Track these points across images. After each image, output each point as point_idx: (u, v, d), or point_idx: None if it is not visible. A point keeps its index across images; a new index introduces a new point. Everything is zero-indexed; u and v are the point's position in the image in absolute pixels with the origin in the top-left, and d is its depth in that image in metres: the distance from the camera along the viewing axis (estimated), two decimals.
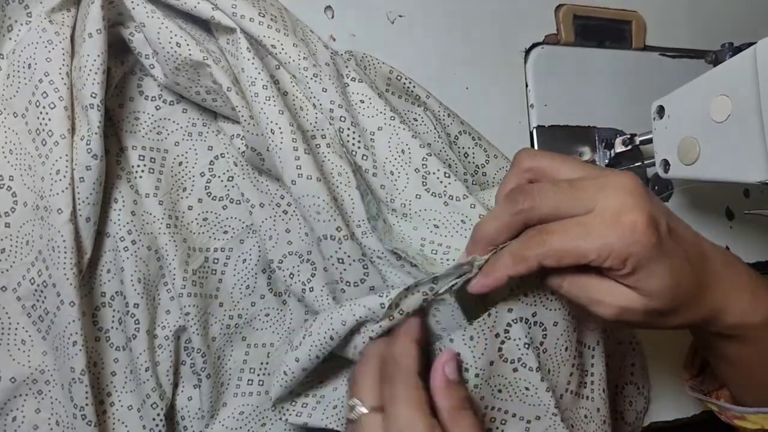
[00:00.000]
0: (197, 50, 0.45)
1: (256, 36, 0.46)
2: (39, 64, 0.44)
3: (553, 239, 0.38)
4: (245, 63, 0.45)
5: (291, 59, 0.47)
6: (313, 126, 0.48)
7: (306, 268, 0.50)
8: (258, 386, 0.52)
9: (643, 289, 0.39)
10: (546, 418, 0.45)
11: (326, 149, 0.47)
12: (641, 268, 0.38)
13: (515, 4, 0.64)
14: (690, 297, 0.40)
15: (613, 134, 0.65)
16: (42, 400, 0.47)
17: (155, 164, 0.49)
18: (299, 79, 0.48)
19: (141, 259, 0.48)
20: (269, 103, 0.44)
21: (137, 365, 0.47)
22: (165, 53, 0.45)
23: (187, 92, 0.48)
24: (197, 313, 0.48)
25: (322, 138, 0.48)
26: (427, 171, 0.48)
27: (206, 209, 0.51)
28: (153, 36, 0.45)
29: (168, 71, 0.46)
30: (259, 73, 0.45)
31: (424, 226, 0.48)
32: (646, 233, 0.37)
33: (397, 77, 0.53)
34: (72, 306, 0.43)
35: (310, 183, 0.44)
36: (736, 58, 0.49)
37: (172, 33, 0.45)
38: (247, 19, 0.46)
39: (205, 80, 0.47)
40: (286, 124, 0.44)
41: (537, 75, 0.63)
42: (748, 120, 0.47)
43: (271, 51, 0.47)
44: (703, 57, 0.70)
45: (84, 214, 0.44)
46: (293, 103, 0.48)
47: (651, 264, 0.38)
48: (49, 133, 0.43)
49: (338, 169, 0.47)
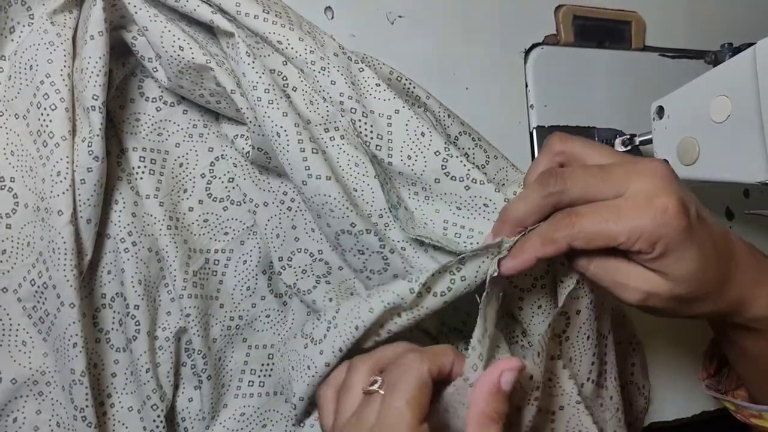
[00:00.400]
0: (200, 53, 0.45)
1: (261, 33, 0.46)
2: (40, 66, 0.44)
3: (583, 221, 0.38)
4: (246, 68, 0.45)
5: (298, 54, 0.47)
6: (325, 119, 0.48)
7: (320, 267, 0.50)
8: (259, 387, 0.52)
9: (670, 274, 0.39)
10: (570, 407, 0.44)
11: (341, 141, 0.47)
12: (670, 252, 0.38)
13: (515, 4, 0.64)
14: (715, 285, 0.40)
15: (613, 134, 0.65)
16: (43, 401, 0.47)
17: (156, 165, 0.49)
18: (307, 74, 0.48)
19: (141, 261, 0.48)
20: (272, 106, 0.44)
21: (138, 366, 0.47)
22: (168, 57, 0.45)
23: (191, 95, 0.49)
24: (198, 314, 0.48)
25: (336, 130, 0.47)
26: (449, 153, 0.47)
27: (207, 210, 0.51)
28: (156, 40, 0.45)
29: (172, 74, 0.46)
30: (260, 76, 0.45)
31: (447, 208, 0.48)
32: (676, 216, 0.37)
33: (397, 78, 0.52)
34: (72, 308, 0.43)
35: (320, 182, 0.44)
36: (735, 58, 0.49)
37: (175, 37, 0.45)
38: (251, 16, 0.46)
39: (208, 83, 0.47)
40: (291, 126, 0.44)
41: (537, 75, 0.63)
42: (748, 120, 0.47)
43: (277, 47, 0.47)
44: (702, 57, 0.70)
45: (85, 216, 0.44)
46: (303, 98, 0.48)
47: (680, 248, 0.38)
48: (50, 134, 0.43)
49: (355, 160, 0.47)
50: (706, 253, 0.39)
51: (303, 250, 0.50)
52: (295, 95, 0.47)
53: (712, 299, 0.41)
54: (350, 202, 0.45)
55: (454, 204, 0.48)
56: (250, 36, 0.47)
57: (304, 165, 0.44)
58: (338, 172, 0.46)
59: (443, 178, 0.47)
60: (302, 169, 0.44)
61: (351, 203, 0.45)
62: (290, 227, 0.50)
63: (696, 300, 0.40)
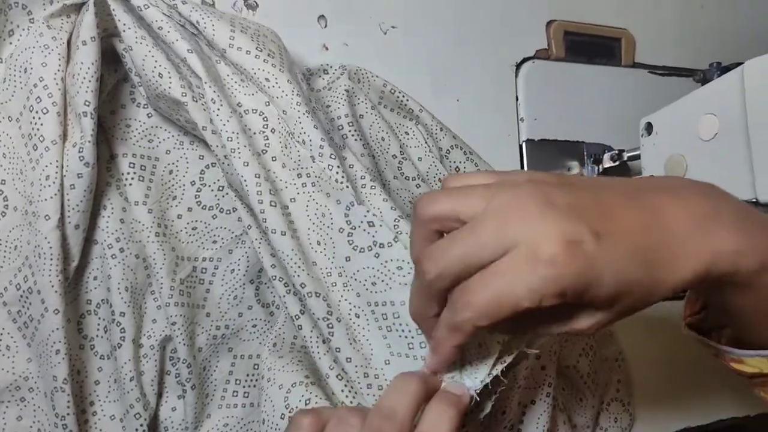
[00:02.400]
0: (178, 86, 0.45)
1: (249, 69, 0.46)
2: (35, 69, 0.43)
3: (477, 299, 0.33)
4: (212, 114, 0.45)
5: (284, 93, 0.47)
6: (298, 164, 0.47)
7: (292, 300, 0.48)
8: (243, 398, 0.52)
9: (599, 303, 0.34)
10: None
11: (311, 188, 0.47)
12: (584, 292, 0.33)
13: (507, 18, 0.64)
14: (655, 270, 0.35)
15: (602, 149, 0.66)
16: (24, 407, 0.46)
17: (145, 172, 0.49)
18: (289, 116, 0.47)
19: (128, 267, 0.47)
20: (234, 155, 0.44)
21: (121, 374, 0.47)
22: (147, 80, 0.45)
23: (169, 116, 0.49)
24: (184, 322, 0.48)
25: (307, 177, 0.47)
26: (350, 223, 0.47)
27: (196, 218, 0.51)
28: (138, 62, 0.45)
29: (150, 96, 0.46)
30: (224, 124, 0.44)
31: (363, 288, 0.47)
32: (569, 263, 0.32)
33: (390, 91, 0.53)
34: (56, 314, 0.43)
35: (275, 237, 0.45)
36: (723, 77, 0.49)
37: (157, 63, 0.45)
38: (243, 51, 0.46)
39: (183, 113, 0.47)
40: (252, 177, 0.44)
41: (527, 89, 0.64)
42: (735, 139, 0.48)
43: (264, 84, 0.47)
44: (690, 75, 0.71)
45: (73, 222, 0.43)
46: (279, 141, 0.47)
47: (591, 282, 0.33)
48: (40, 138, 0.43)
49: (323, 210, 0.47)
50: (625, 260, 0.34)
51: (279, 279, 0.48)
52: (273, 137, 0.47)
53: (661, 280, 0.35)
54: (303, 260, 0.45)
55: (369, 280, 0.46)
56: (237, 73, 0.47)
57: (262, 217, 0.45)
58: (302, 223, 0.46)
59: (353, 254, 0.46)
60: (261, 220, 0.45)
61: (304, 262, 0.45)
62: (269, 254, 0.48)
63: (643, 296, 0.35)
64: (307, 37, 0.56)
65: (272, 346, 0.50)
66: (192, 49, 0.45)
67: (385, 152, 0.52)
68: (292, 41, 0.52)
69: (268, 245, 0.47)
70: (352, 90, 0.52)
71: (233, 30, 0.47)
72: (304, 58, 0.55)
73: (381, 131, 0.52)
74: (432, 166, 0.54)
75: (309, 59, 0.56)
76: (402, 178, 0.53)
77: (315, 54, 0.56)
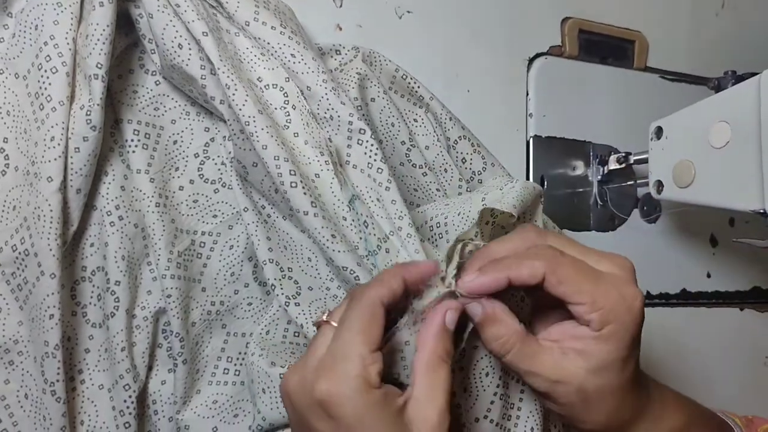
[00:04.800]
0: (197, 63, 0.44)
1: (274, 44, 0.46)
2: (46, 26, 0.42)
3: (565, 262, 0.37)
4: (229, 100, 0.44)
5: (310, 69, 0.46)
6: (318, 143, 0.47)
7: (288, 285, 0.48)
8: (234, 376, 0.51)
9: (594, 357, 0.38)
10: None
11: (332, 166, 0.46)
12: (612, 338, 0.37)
13: (523, 12, 0.64)
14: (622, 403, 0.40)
15: (608, 151, 0.65)
16: (13, 371, 0.45)
17: (149, 140, 0.48)
18: (314, 92, 0.46)
19: (127, 236, 0.46)
20: (253, 138, 0.43)
21: (113, 344, 0.46)
22: (165, 50, 0.44)
23: (180, 86, 0.48)
24: (179, 296, 0.47)
25: (330, 155, 0.46)
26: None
27: (197, 191, 0.50)
28: (158, 30, 0.44)
29: (165, 65, 0.46)
30: (240, 108, 0.44)
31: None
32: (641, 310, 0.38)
33: (402, 76, 0.52)
34: (52, 278, 0.42)
35: (300, 216, 0.44)
36: (739, 86, 0.49)
37: (178, 33, 0.44)
38: (269, 26, 0.46)
39: (197, 87, 0.46)
40: (271, 159, 0.43)
41: (538, 85, 0.64)
42: (747, 148, 0.47)
43: (287, 60, 0.46)
44: (700, 83, 0.71)
45: (75, 185, 0.43)
46: (301, 118, 0.46)
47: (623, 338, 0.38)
48: (47, 98, 0.42)
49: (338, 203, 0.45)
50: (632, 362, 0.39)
51: (274, 261, 0.48)
52: (294, 113, 0.46)
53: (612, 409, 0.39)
54: (333, 234, 0.44)
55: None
56: (257, 47, 0.46)
57: (285, 197, 0.44)
58: (328, 199, 0.45)
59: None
60: (286, 201, 0.44)
61: (333, 236, 0.44)
62: (265, 238, 0.48)
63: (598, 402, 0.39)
64: (321, 15, 0.56)
65: (265, 334, 0.50)
66: (207, 30, 0.44)
67: (394, 138, 0.52)
68: (305, 19, 0.51)
69: (265, 228, 0.48)
70: (364, 73, 0.52)
71: (257, 5, 0.46)
72: (317, 36, 0.55)
73: (391, 116, 0.51)
74: (439, 156, 0.53)
75: (321, 38, 0.55)
76: (409, 165, 0.52)
77: (328, 33, 0.56)
